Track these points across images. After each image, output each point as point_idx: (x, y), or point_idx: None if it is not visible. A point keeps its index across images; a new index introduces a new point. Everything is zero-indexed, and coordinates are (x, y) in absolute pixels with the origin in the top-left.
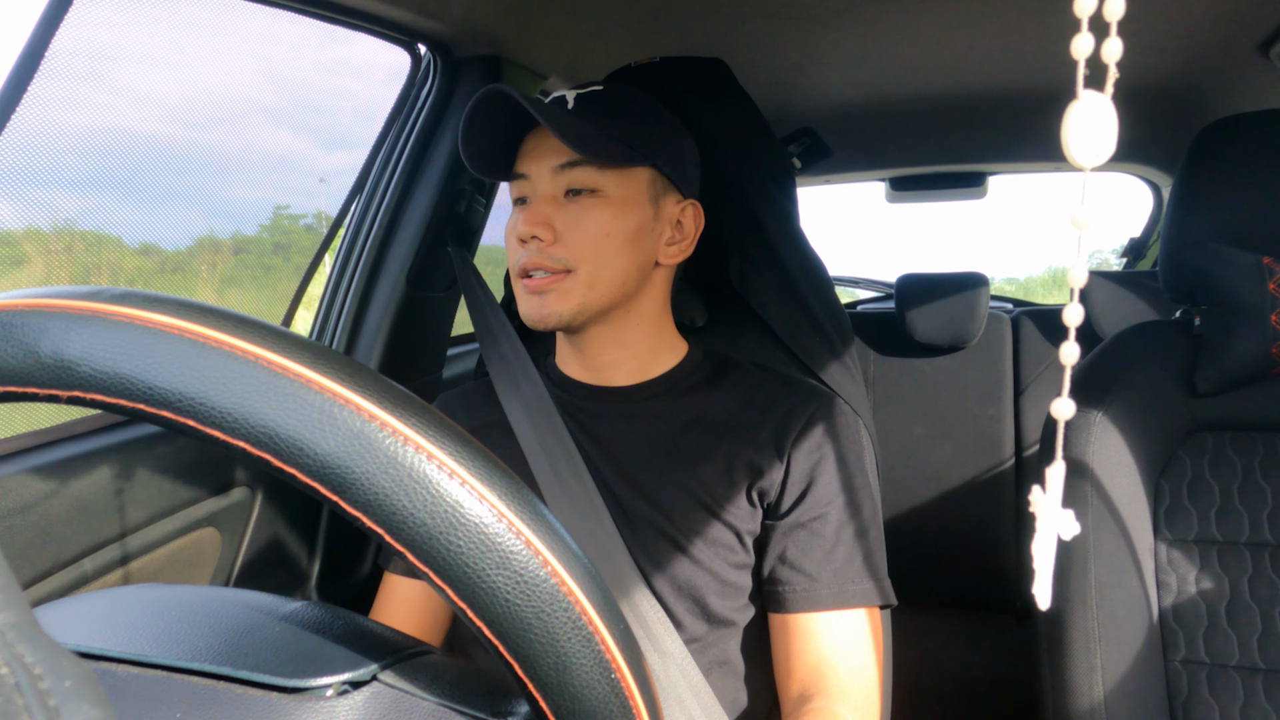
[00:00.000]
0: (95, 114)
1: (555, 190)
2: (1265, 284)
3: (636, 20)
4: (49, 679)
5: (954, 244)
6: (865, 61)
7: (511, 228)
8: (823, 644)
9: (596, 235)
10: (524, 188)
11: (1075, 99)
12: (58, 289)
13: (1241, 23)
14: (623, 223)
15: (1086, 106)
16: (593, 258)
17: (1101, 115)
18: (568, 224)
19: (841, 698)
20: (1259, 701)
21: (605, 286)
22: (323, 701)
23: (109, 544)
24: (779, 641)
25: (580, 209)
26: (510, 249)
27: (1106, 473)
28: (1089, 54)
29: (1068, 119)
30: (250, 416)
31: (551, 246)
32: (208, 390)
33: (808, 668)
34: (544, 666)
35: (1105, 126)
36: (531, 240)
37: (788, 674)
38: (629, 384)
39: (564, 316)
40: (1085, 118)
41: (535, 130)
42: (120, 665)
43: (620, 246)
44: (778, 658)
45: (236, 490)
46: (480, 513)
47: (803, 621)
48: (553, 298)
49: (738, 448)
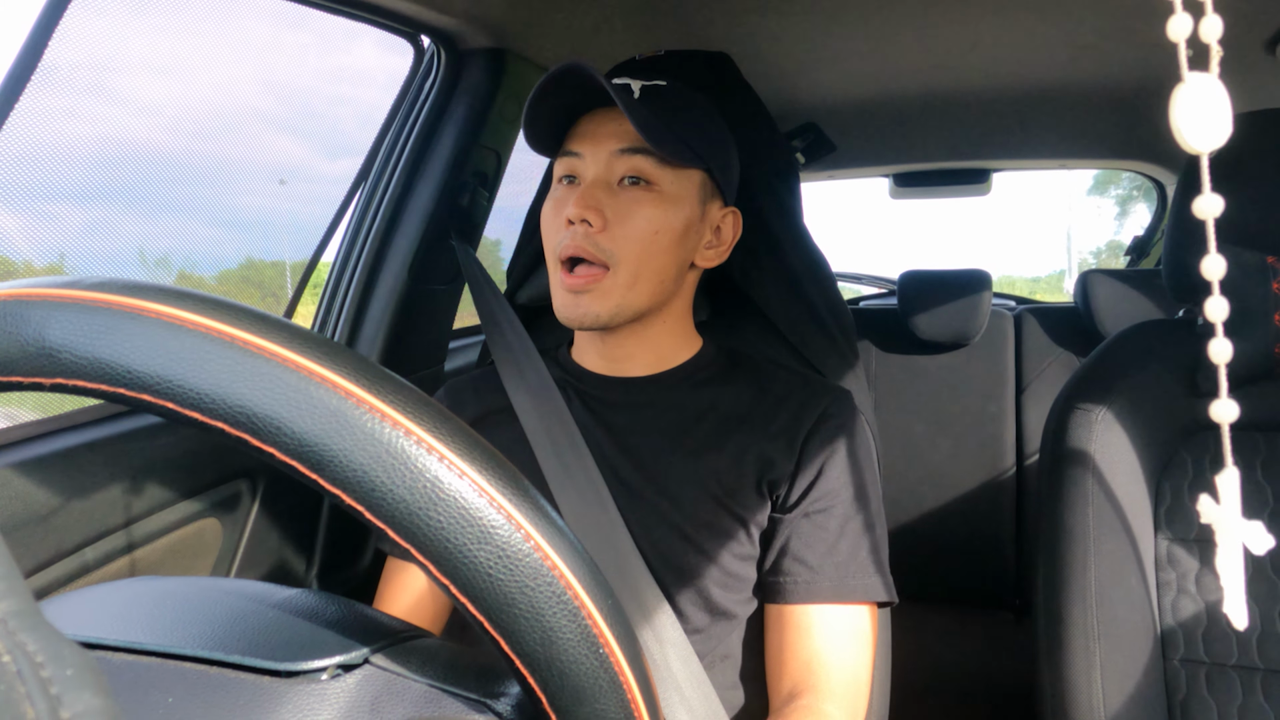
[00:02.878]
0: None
1: (610, 175)
2: (1269, 283)
3: (641, 13)
4: (50, 667)
5: (961, 241)
6: (870, 57)
7: (556, 207)
8: (818, 638)
9: (645, 230)
10: (574, 166)
11: (1181, 82)
12: (39, 279)
13: (1248, 21)
14: (672, 220)
15: (1194, 89)
16: (637, 253)
17: (1212, 96)
18: (618, 213)
19: (830, 695)
20: (1257, 701)
21: (644, 285)
22: (315, 684)
23: (110, 534)
24: (774, 634)
25: (633, 200)
26: (552, 230)
27: (1108, 471)
28: (1188, 34)
29: (1175, 103)
30: (227, 397)
31: (600, 233)
32: (184, 372)
33: (800, 663)
34: (529, 642)
35: (1218, 107)
36: (580, 223)
37: (780, 667)
38: (645, 374)
39: (601, 317)
40: (1195, 100)
41: (595, 111)
42: (114, 653)
43: (666, 244)
44: (771, 650)
45: (237, 481)
46: (460, 487)
47: (800, 614)
48: (590, 298)
49: (750, 439)
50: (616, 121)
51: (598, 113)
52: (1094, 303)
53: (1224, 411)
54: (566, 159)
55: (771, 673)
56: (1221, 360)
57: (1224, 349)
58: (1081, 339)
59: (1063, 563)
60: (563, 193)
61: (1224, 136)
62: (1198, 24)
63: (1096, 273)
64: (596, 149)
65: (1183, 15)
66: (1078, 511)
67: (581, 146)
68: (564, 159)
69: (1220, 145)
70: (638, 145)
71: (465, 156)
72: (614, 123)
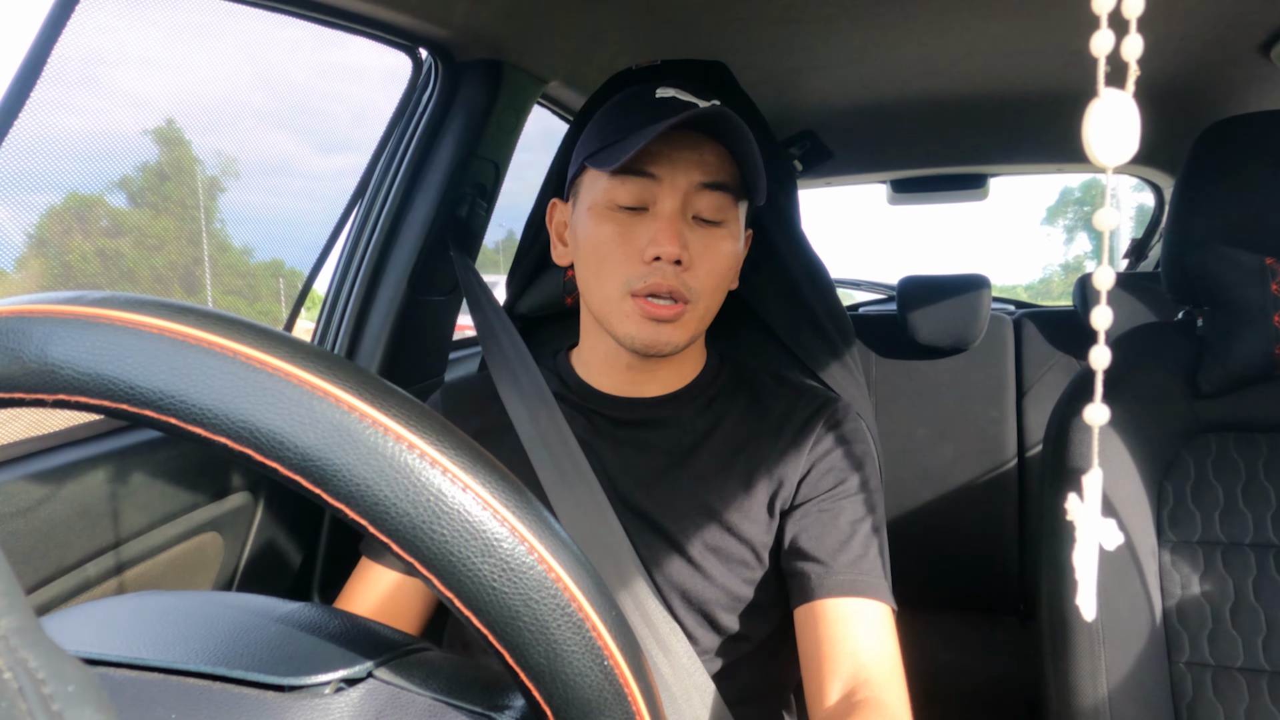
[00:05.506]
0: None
1: (687, 209)
2: (1268, 285)
3: (638, 23)
4: (52, 683)
5: (960, 247)
6: (866, 64)
7: (625, 237)
8: (856, 632)
9: (724, 268)
10: (646, 193)
11: (1096, 97)
12: (41, 295)
13: (1243, 23)
14: (738, 256)
15: (1108, 105)
16: (713, 290)
17: (1123, 114)
18: (699, 251)
19: (886, 686)
20: (1264, 703)
21: (710, 317)
22: (319, 699)
23: (112, 548)
24: (807, 634)
25: (711, 237)
26: (621, 260)
27: (1110, 475)
28: (1109, 51)
29: (1088, 118)
30: (230, 412)
31: (686, 272)
32: (187, 387)
33: (845, 656)
34: (534, 655)
35: (1127, 125)
36: (671, 264)
37: (820, 666)
38: (658, 395)
39: (678, 347)
40: (1107, 116)
41: (668, 134)
42: (115, 669)
43: (732, 279)
44: (808, 652)
45: (238, 495)
46: (463, 501)
47: (828, 608)
48: (672, 329)
49: (755, 460)
50: (695, 149)
51: (668, 134)
52: (1094, 306)
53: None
54: (636, 182)
55: (814, 675)
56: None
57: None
58: (1081, 342)
59: (1066, 567)
60: (629, 220)
61: (1131, 154)
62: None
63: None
64: (677, 177)
65: (1106, 31)
66: None
67: (660, 170)
68: (632, 181)
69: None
70: (721, 180)
71: (463, 168)
72: (693, 150)
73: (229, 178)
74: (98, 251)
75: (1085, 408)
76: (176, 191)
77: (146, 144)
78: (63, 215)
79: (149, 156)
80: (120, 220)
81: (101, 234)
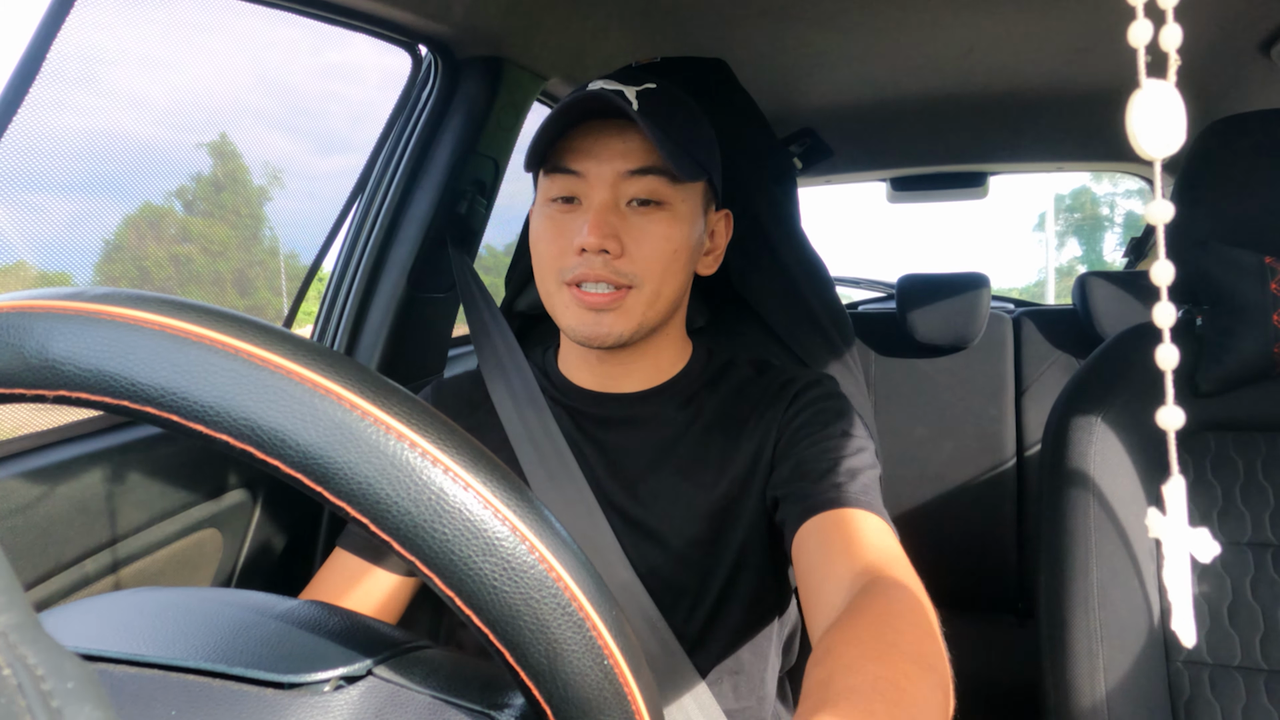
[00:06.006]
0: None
1: (618, 197)
2: (1267, 284)
3: (638, 21)
4: (51, 680)
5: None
6: (866, 62)
7: (556, 230)
8: (850, 537)
9: (665, 251)
10: (574, 187)
11: (1138, 88)
12: (42, 290)
13: (1243, 22)
14: (687, 236)
15: (1151, 96)
16: (659, 273)
17: (1167, 104)
18: (634, 237)
19: (897, 565)
20: (1261, 702)
21: (664, 303)
22: (318, 696)
23: (110, 545)
24: (804, 557)
25: (647, 221)
26: (555, 254)
27: (1108, 473)
28: (1148, 41)
29: (1132, 110)
30: (232, 410)
31: (618, 260)
32: (189, 384)
33: (851, 558)
34: (534, 654)
35: (1173, 115)
36: (598, 253)
37: (821, 584)
38: (638, 390)
39: (623, 336)
40: (1151, 107)
41: (590, 124)
42: (116, 665)
43: (684, 262)
44: (808, 575)
45: (237, 492)
46: (465, 499)
47: (818, 524)
48: (613, 317)
49: (730, 443)
50: (620, 138)
51: (594, 125)
52: (1092, 305)
53: (1170, 418)
54: (563, 178)
55: (814, 594)
56: (1168, 366)
57: (1170, 354)
58: (1080, 341)
59: (1064, 566)
60: (560, 215)
61: (1178, 144)
62: (1158, 31)
63: (1095, 275)
64: (601, 168)
65: (1144, 21)
66: (1078, 515)
67: (582, 165)
68: (559, 177)
69: (1173, 153)
70: (649, 165)
71: (463, 165)
72: (618, 140)
73: (275, 186)
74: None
75: (1159, 411)
76: (231, 200)
77: (202, 156)
78: (137, 222)
79: (204, 167)
80: (188, 228)
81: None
